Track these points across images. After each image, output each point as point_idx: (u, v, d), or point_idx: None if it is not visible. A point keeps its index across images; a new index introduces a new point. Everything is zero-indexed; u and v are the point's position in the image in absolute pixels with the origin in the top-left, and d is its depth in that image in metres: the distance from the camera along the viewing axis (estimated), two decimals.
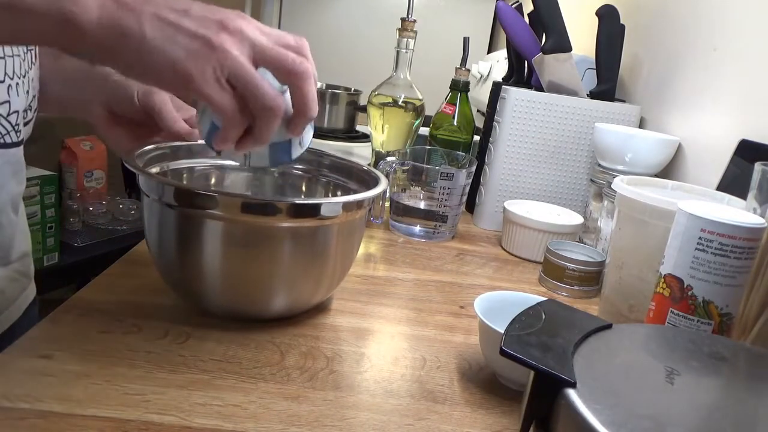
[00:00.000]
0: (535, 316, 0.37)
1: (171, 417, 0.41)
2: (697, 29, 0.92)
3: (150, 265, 0.59)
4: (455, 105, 1.02)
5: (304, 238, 0.53)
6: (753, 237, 0.46)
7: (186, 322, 0.54)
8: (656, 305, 0.51)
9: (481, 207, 1.00)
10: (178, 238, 0.53)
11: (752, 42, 0.79)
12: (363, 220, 0.60)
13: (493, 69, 1.53)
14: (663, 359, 0.36)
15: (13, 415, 0.40)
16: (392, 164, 0.87)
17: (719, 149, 0.79)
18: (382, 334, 0.59)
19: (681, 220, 0.48)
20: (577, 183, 0.98)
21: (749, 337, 0.48)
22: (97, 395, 0.43)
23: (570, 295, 0.75)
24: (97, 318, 0.54)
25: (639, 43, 1.08)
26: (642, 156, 0.85)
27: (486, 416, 0.47)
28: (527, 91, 0.95)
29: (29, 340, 0.49)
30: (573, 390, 0.29)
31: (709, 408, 0.32)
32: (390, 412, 0.46)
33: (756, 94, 0.77)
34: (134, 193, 1.92)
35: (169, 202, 0.52)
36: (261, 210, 0.51)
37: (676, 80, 0.96)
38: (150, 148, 0.60)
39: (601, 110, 0.95)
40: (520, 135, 0.95)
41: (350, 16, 2.54)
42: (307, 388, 0.47)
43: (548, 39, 0.96)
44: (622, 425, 0.27)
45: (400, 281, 0.72)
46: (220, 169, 0.69)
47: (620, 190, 0.63)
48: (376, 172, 0.64)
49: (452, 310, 0.66)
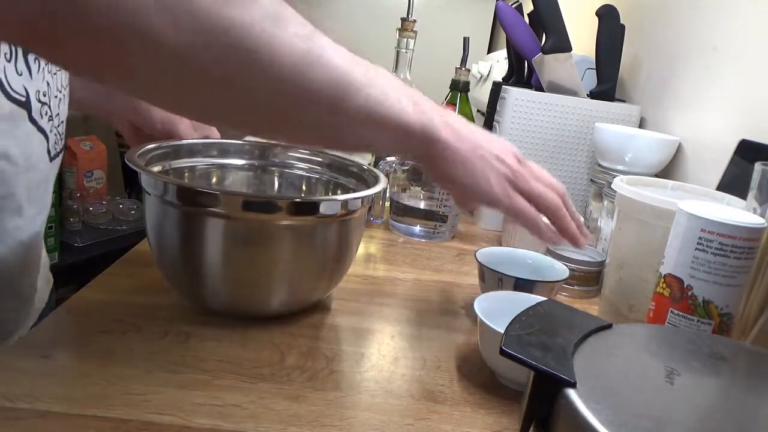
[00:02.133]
0: (535, 316, 0.37)
1: (171, 417, 0.41)
2: (697, 29, 0.92)
3: (150, 265, 0.59)
4: (455, 105, 1.02)
5: (303, 235, 0.53)
6: (753, 237, 0.46)
7: (186, 322, 0.54)
8: (656, 305, 0.51)
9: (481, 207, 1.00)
10: (179, 236, 0.54)
11: (752, 42, 0.79)
12: (362, 219, 0.60)
13: (493, 69, 1.53)
14: (663, 359, 0.36)
15: (13, 415, 0.40)
16: (392, 164, 0.87)
17: (719, 149, 0.79)
18: (382, 334, 0.59)
19: (681, 220, 0.48)
20: (577, 183, 0.98)
21: (749, 337, 0.48)
22: (97, 395, 0.43)
23: (570, 295, 0.75)
24: (97, 318, 0.54)
25: (639, 43, 1.08)
26: (642, 156, 0.85)
27: (486, 416, 0.47)
28: (527, 91, 0.95)
29: (29, 340, 0.49)
30: (573, 390, 0.29)
31: (709, 408, 0.32)
32: (390, 412, 0.46)
33: (756, 94, 0.77)
34: (134, 193, 1.92)
35: (172, 201, 0.52)
36: (262, 208, 0.52)
37: (676, 80, 0.96)
38: (152, 147, 0.60)
39: (601, 110, 0.95)
40: (520, 135, 0.95)
41: (350, 16, 2.54)
42: (307, 388, 0.47)
43: (548, 39, 0.96)
44: (622, 425, 0.27)
45: (400, 281, 0.72)
46: (221, 168, 0.69)
47: (620, 190, 0.63)
48: (375, 171, 0.64)
49: (452, 310, 0.66)
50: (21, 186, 0.53)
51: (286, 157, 0.71)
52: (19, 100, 0.51)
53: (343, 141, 0.47)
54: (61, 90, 0.59)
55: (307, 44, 0.37)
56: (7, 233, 0.53)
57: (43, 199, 0.58)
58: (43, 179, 0.57)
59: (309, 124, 0.41)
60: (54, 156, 0.59)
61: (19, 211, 0.54)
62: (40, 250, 0.62)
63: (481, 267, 0.65)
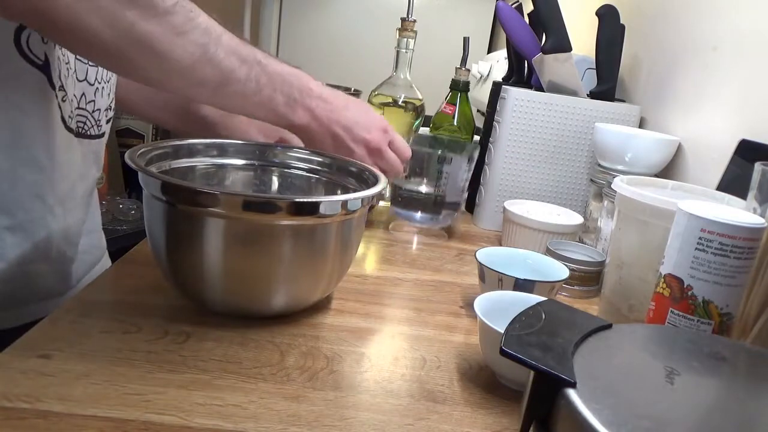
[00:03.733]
0: (535, 316, 0.37)
1: (171, 417, 0.41)
2: (697, 29, 0.92)
3: (150, 265, 0.59)
4: (455, 105, 1.02)
5: (304, 235, 0.53)
6: (753, 237, 0.46)
7: (186, 322, 0.54)
8: (656, 305, 0.51)
9: (481, 207, 1.00)
10: (179, 236, 0.54)
11: (752, 42, 0.79)
12: (362, 219, 0.60)
13: (493, 69, 1.53)
14: (663, 359, 0.36)
15: (13, 415, 0.40)
16: None
17: (719, 149, 0.79)
18: (382, 334, 0.59)
19: (681, 220, 0.48)
20: (577, 183, 0.98)
21: (749, 337, 0.48)
22: (97, 395, 0.43)
23: (570, 295, 0.75)
24: (97, 318, 0.54)
25: (639, 43, 1.08)
26: (642, 156, 0.85)
27: (486, 416, 0.47)
28: (527, 91, 0.95)
29: (29, 340, 0.49)
30: (573, 390, 0.29)
31: (709, 408, 0.32)
32: (390, 412, 0.46)
33: (756, 94, 0.77)
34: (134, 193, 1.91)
35: (172, 201, 0.52)
36: (262, 208, 0.52)
37: (676, 80, 0.96)
38: (152, 147, 0.60)
39: (601, 110, 0.95)
40: (520, 135, 0.95)
41: (350, 16, 2.54)
42: (307, 388, 0.47)
43: (548, 39, 0.95)
44: (622, 425, 0.27)
45: (400, 281, 0.72)
46: (221, 168, 0.69)
47: (620, 190, 0.63)
48: (375, 171, 0.64)
49: (452, 310, 0.66)
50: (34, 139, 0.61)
51: (286, 157, 0.71)
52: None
53: (228, 110, 0.70)
54: (101, 81, 0.70)
55: (202, 50, 0.55)
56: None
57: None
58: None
59: (203, 95, 0.61)
60: (75, 130, 0.67)
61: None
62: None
63: (481, 267, 0.65)
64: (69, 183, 0.66)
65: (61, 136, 0.63)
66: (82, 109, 0.67)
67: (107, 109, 0.73)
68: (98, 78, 0.69)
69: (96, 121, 0.70)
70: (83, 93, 0.67)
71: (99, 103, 0.70)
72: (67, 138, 0.65)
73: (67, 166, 0.65)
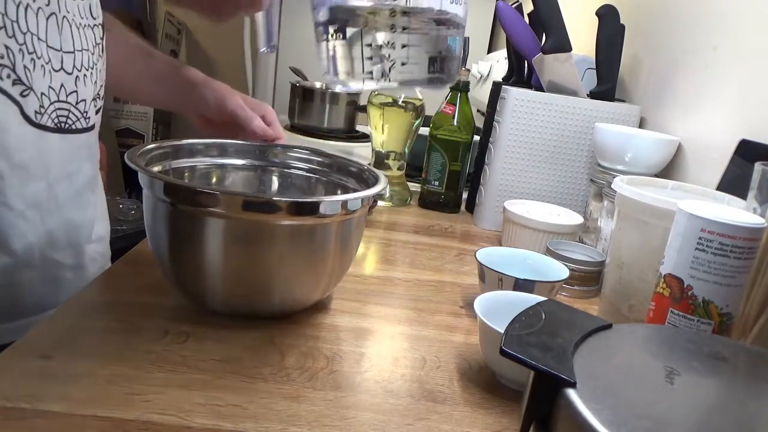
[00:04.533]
0: (535, 316, 0.37)
1: (171, 417, 0.41)
2: (697, 29, 0.92)
3: (150, 264, 0.59)
4: (455, 105, 1.02)
5: (303, 235, 0.53)
6: (753, 237, 0.46)
7: (186, 322, 0.54)
8: (656, 305, 0.51)
9: (481, 207, 1.00)
10: (179, 236, 0.54)
11: (752, 42, 0.79)
12: (362, 219, 0.60)
13: (493, 69, 1.53)
14: (663, 359, 0.36)
15: (13, 415, 0.40)
16: None
17: (719, 149, 0.79)
18: (382, 334, 0.59)
19: (681, 220, 0.48)
20: (577, 183, 0.98)
21: (749, 337, 0.48)
22: (97, 395, 0.43)
23: (570, 295, 0.75)
24: (97, 318, 0.54)
25: (639, 43, 1.08)
26: (642, 156, 0.85)
27: (486, 416, 0.47)
28: (527, 91, 0.95)
29: (29, 340, 0.49)
30: (573, 390, 0.29)
31: (709, 408, 0.32)
32: (390, 412, 0.46)
33: (756, 94, 0.77)
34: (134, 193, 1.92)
35: (171, 201, 0.52)
36: (261, 208, 0.52)
37: (676, 80, 0.96)
38: (152, 147, 0.60)
39: (601, 110, 0.95)
40: (520, 135, 0.95)
41: None
42: (307, 388, 0.47)
43: (548, 39, 0.96)
44: (622, 425, 0.27)
45: (400, 281, 0.72)
46: (221, 168, 0.69)
47: (620, 190, 0.63)
48: (375, 171, 0.64)
49: (452, 310, 0.66)
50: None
51: (286, 157, 0.71)
52: None
53: None
54: (81, 69, 0.64)
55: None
56: None
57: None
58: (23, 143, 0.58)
59: None
60: (54, 125, 0.61)
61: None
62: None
63: (481, 267, 0.65)
64: (44, 184, 0.61)
65: (21, 134, 0.57)
66: (62, 102, 0.61)
67: (95, 98, 0.67)
68: (77, 66, 0.63)
69: (82, 113, 0.65)
70: (62, 84, 0.61)
71: (83, 93, 0.64)
72: (35, 135, 0.58)
73: (35, 166, 0.59)
